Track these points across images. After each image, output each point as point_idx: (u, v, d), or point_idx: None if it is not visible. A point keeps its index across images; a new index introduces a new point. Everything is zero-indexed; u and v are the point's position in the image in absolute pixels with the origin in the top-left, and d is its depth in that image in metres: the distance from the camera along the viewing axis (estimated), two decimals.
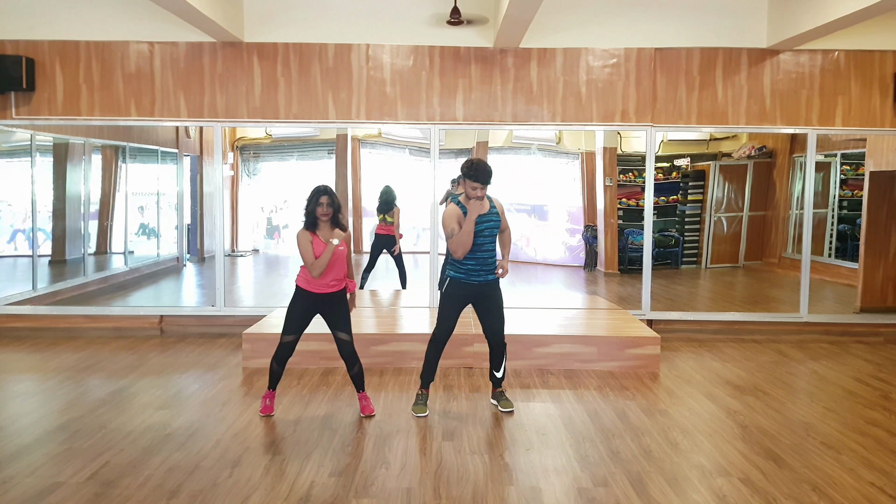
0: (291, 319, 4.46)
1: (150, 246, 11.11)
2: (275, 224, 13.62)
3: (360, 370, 4.56)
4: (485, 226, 4.48)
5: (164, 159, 11.02)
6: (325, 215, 4.32)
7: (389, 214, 8.23)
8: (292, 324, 4.46)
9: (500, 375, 4.74)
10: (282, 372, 4.59)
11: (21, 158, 7.90)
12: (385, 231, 8.24)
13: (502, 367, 4.72)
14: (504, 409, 4.70)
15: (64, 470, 3.69)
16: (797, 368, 5.98)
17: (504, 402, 4.74)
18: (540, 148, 12.30)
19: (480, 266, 4.53)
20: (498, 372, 4.73)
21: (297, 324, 4.46)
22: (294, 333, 4.47)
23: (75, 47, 6.95)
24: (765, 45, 6.98)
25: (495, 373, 4.74)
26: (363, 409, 4.59)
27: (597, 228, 11.39)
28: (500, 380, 4.76)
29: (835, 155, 9.92)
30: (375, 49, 6.99)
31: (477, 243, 4.47)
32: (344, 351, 4.48)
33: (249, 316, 7.01)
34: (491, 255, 4.55)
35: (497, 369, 4.72)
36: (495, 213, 4.53)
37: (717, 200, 11.62)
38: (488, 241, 4.51)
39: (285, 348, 4.49)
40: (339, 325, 4.46)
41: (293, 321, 4.46)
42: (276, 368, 4.55)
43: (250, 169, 13.49)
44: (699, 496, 3.46)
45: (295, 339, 4.49)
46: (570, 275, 11.23)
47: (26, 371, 5.76)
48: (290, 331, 4.46)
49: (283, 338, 4.48)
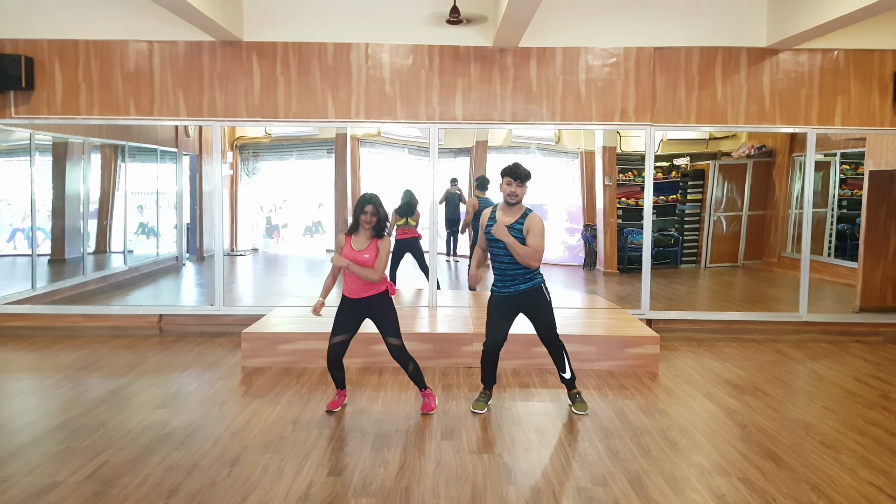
0: (335, 321, 4.53)
1: (149, 245, 11.11)
2: (274, 223, 13.61)
3: (416, 369, 4.57)
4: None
5: (163, 158, 11.02)
6: (368, 223, 4.37)
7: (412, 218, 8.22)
8: (335, 325, 4.52)
9: (567, 376, 4.68)
10: (338, 374, 4.61)
11: (20, 157, 7.89)
12: (408, 235, 8.19)
13: (567, 368, 4.65)
14: (577, 411, 4.65)
15: (62, 469, 3.68)
16: (796, 368, 5.98)
17: (578, 403, 4.70)
18: (539, 147, 12.30)
19: (501, 276, 4.50)
20: (564, 373, 4.67)
21: (339, 326, 4.50)
22: (338, 335, 4.50)
23: (74, 46, 6.95)
24: (764, 45, 6.98)
25: (562, 374, 4.69)
26: (423, 407, 4.63)
27: (596, 228, 11.39)
28: (569, 381, 4.70)
29: (834, 154, 9.92)
30: (375, 48, 6.99)
31: (493, 253, 4.49)
32: (394, 354, 4.52)
33: (248, 315, 7.01)
34: (509, 268, 4.43)
35: (561, 370, 4.67)
36: (517, 229, 4.36)
37: (716, 200, 11.62)
38: (503, 253, 4.41)
39: (330, 350, 4.52)
40: (385, 330, 4.49)
41: (335, 323, 4.52)
42: (333, 372, 4.60)
43: (249, 168, 13.48)
44: (698, 496, 3.46)
45: (340, 340, 4.50)
46: (570, 274, 11.22)
47: (25, 370, 5.75)
48: (334, 332, 4.52)
49: (330, 339, 4.53)
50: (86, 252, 9.07)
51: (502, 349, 4.66)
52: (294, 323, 6.23)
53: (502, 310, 4.56)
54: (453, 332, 5.96)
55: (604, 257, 11.13)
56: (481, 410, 4.67)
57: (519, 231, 4.35)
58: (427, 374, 5.51)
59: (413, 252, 8.20)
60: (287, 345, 5.81)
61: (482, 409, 4.68)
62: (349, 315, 4.51)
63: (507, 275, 4.48)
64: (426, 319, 6.61)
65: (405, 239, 8.21)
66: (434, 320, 6.64)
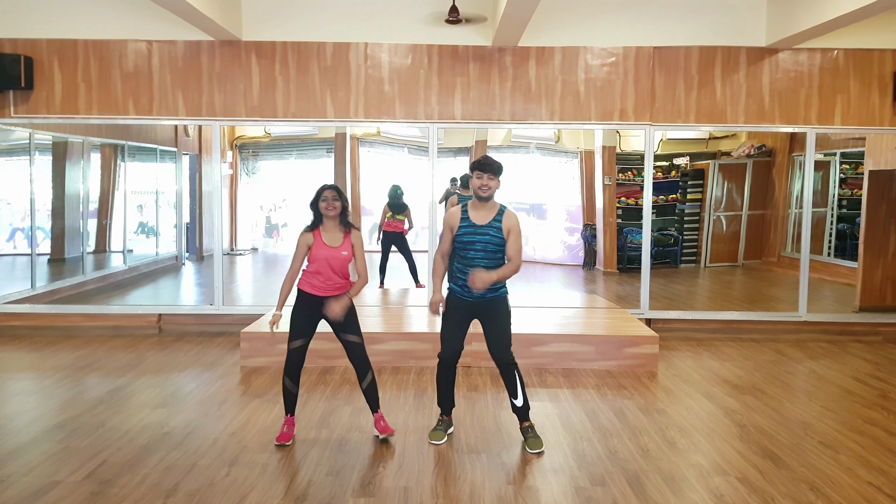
0: (293, 323, 4.06)
1: (148, 244, 11.11)
2: (273, 223, 13.61)
3: (372, 382, 4.12)
4: (476, 238, 3.93)
5: (162, 158, 11.01)
6: (333, 209, 3.95)
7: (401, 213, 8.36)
8: (293, 328, 4.06)
9: (519, 404, 4.04)
10: (297, 390, 4.10)
11: (20, 157, 7.89)
12: (393, 228, 8.36)
13: (519, 394, 4.03)
14: (531, 449, 3.97)
15: (61, 468, 3.68)
16: (795, 368, 5.98)
17: (531, 440, 4.01)
18: (539, 147, 12.30)
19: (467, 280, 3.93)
20: (515, 399, 4.04)
21: (298, 327, 4.04)
22: (298, 338, 4.04)
23: (73, 46, 6.94)
24: (764, 44, 6.97)
25: (513, 401, 4.06)
26: (381, 430, 4.13)
27: (596, 227, 11.39)
28: (520, 409, 4.06)
29: (834, 154, 9.92)
30: (374, 48, 6.98)
31: (467, 256, 3.95)
32: (353, 355, 4.08)
33: (248, 315, 7.01)
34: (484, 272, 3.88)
35: (513, 396, 4.04)
36: (495, 228, 3.92)
37: (716, 199, 11.62)
38: (480, 256, 3.92)
39: (292, 356, 4.05)
40: (345, 329, 4.04)
41: (294, 325, 4.05)
42: (289, 385, 4.06)
43: (249, 168, 13.48)
44: (696, 495, 3.46)
45: (301, 344, 4.05)
46: (569, 274, 11.22)
47: (24, 369, 5.75)
48: (293, 336, 4.05)
49: (290, 344, 4.06)
50: (85, 251, 9.07)
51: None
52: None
53: (460, 315, 4.04)
54: None
55: (603, 257, 11.13)
56: (439, 441, 4.08)
57: (498, 230, 3.92)
58: (426, 374, 5.51)
59: (399, 245, 8.34)
60: (286, 344, 5.78)
61: (440, 439, 4.09)
62: (309, 313, 4.04)
63: None
64: (423, 319, 6.60)
65: (392, 232, 8.35)
66: (432, 320, 6.63)
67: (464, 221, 3.99)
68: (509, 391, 4.06)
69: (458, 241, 3.99)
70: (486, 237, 3.93)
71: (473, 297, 3.96)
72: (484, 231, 3.94)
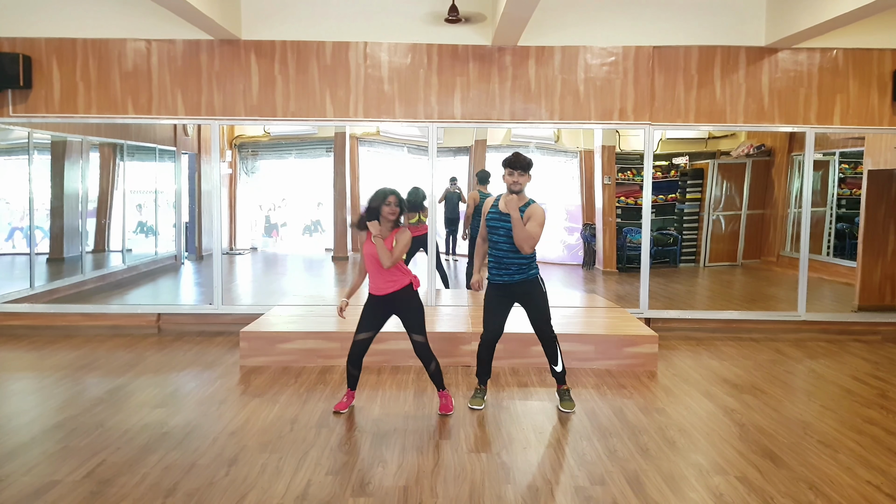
0: (361, 318, 4.52)
1: (147, 244, 11.10)
2: (273, 222, 13.61)
3: (437, 368, 4.57)
4: (500, 224, 4.48)
5: (161, 157, 11.01)
6: (393, 214, 4.33)
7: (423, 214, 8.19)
8: (361, 322, 4.51)
9: (558, 370, 4.70)
10: (355, 371, 4.59)
11: (18, 156, 7.88)
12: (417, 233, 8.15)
13: (558, 361, 4.68)
14: (564, 409, 4.66)
15: (60, 468, 3.68)
16: (795, 367, 5.98)
17: (565, 402, 4.71)
18: (538, 146, 12.30)
19: (497, 265, 4.55)
20: (555, 366, 4.69)
21: (364, 322, 4.49)
22: (362, 332, 4.49)
23: (72, 45, 6.94)
24: (763, 44, 6.97)
25: (553, 367, 4.71)
26: (441, 408, 4.62)
27: (595, 227, 11.39)
28: (560, 374, 4.72)
29: (833, 153, 9.92)
30: (373, 47, 6.98)
31: (492, 240, 4.53)
32: (417, 351, 4.52)
33: (247, 314, 7.01)
34: (507, 256, 4.50)
35: (554, 363, 4.69)
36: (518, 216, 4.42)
37: (715, 199, 11.62)
38: (503, 240, 4.48)
39: (354, 346, 4.52)
40: (410, 327, 4.49)
41: (362, 319, 4.51)
42: (350, 369, 4.57)
43: (248, 167, 13.48)
44: (696, 495, 3.46)
45: (365, 337, 4.50)
46: (569, 273, 11.22)
47: (23, 369, 5.74)
48: (359, 329, 4.51)
49: (354, 336, 4.53)
50: (84, 251, 9.07)
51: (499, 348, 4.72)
52: (293, 322, 6.23)
53: (499, 300, 4.61)
54: (452, 331, 5.96)
55: (603, 256, 11.13)
56: (479, 406, 4.70)
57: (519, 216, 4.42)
58: (426, 374, 5.50)
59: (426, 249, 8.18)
60: (286, 344, 5.81)
61: (480, 405, 4.71)
62: (375, 312, 4.50)
63: (503, 263, 4.52)
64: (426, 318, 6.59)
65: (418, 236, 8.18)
66: (433, 319, 6.64)
67: (493, 209, 4.57)
68: (550, 360, 4.69)
69: (488, 226, 4.57)
70: (509, 224, 4.44)
71: (504, 279, 4.53)
72: (507, 217, 4.45)
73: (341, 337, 5.73)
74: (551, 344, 4.65)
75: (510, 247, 4.47)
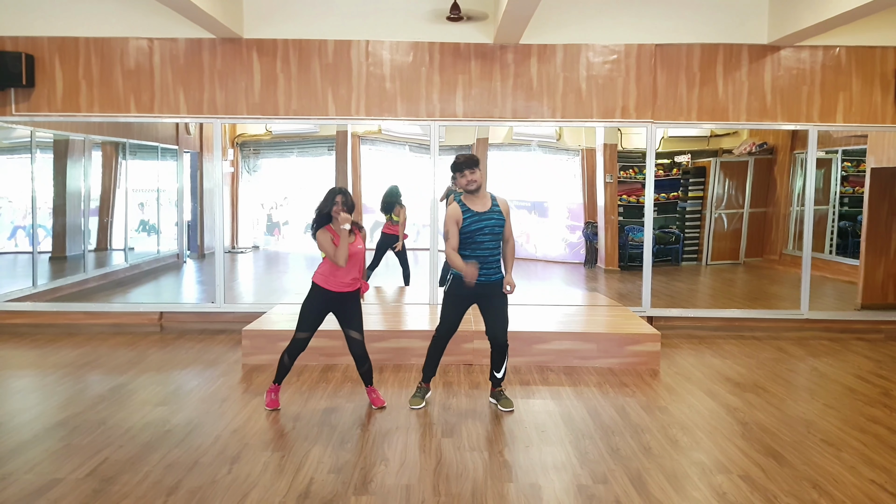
0: (307, 317, 4.49)
1: (150, 242, 11.11)
2: (275, 220, 13.61)
3: (369, 368, 4.64)
4: (483, 224, 4.39)
5: (164, 156, 11.01)
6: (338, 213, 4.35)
7: (395, 214, 8.20)
8: (307, 321, 4.49)
9: (500, 376, 4.69)
10: (290, 367, 4.61)
11: (21, 155, 7.89)
12: (390, 231, 8.21)
13: (503, 369, 4.66)
14: (504, 408, 4.65)
15: (63, 466, 3.68)
16: (797, 365, 5.97)
17: (504, 401, 4.69)
18: (540, 144, 12.28)
19: (480, 264, 4.43)
20: (498, 372, 4.67)
21: (313, 321, 4.50)
22: (309, 331, 4.51)
23: (74, 43, 6.94)
24: (765, 41, 6.96)
25: (495, 373, 4.68)
26: (374, 402, 4.66)
27: (597, 225, 11.38)
28: (499, 380, 4.71)
29: (836, 151, 9.90)
30: (375, 45, 6.97)
31: (476, 241, 4.41)
32: (355, 349, 4.54)
33: (249, 312, 7.01)
34: (491, 254, 4.45)
35: (497, 370, 4.66)
36: (497, 212, 4.44)
37: (717, 197, 11.61)
38: (488, 239, 4.42)
39: (299, 344, 4.54)
40: (352, 324, 4.51)
41: (308, 318, 4.49)
42: (287, 362, 4.57)
43: (250, 165, 13.48)
44: (699, 493, 3.45)
45: (308, 336, 4.52)
46: (571, 271, 11.22)
47: (26, 367, 5.75)
48: (306, 328, 4.50)
49: (298, 334, 4.52)
50: (87, 249, 9.08)
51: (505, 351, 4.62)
52: (295, 320, 6.21)
53: (463, 299, 4.54)
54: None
55: (605, 255, 11.12)
56: (419, 406, 4.66)
57: (499, 213, 4.45)
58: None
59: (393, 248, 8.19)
60: (288, 342, 5.79)
61: (420, 404, 4.67)
62: (321, 311, 4.50)
63: (487, 261, 4.44)
64: (426, 316, 6.60)
65: (388, 234, 8.20)
66: (434, 318, 6.62)
67: (466, 213, 4.41)
68: (495, 366, 4.66)
69: (466, 230, 4.40)
70: (492, 221, 4.42)
71: (481, 279, 4.39)
72: (488, 216, 4.42)
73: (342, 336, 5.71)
74: (505, 350, 4.59)
75: (496, 244, 4.46)
